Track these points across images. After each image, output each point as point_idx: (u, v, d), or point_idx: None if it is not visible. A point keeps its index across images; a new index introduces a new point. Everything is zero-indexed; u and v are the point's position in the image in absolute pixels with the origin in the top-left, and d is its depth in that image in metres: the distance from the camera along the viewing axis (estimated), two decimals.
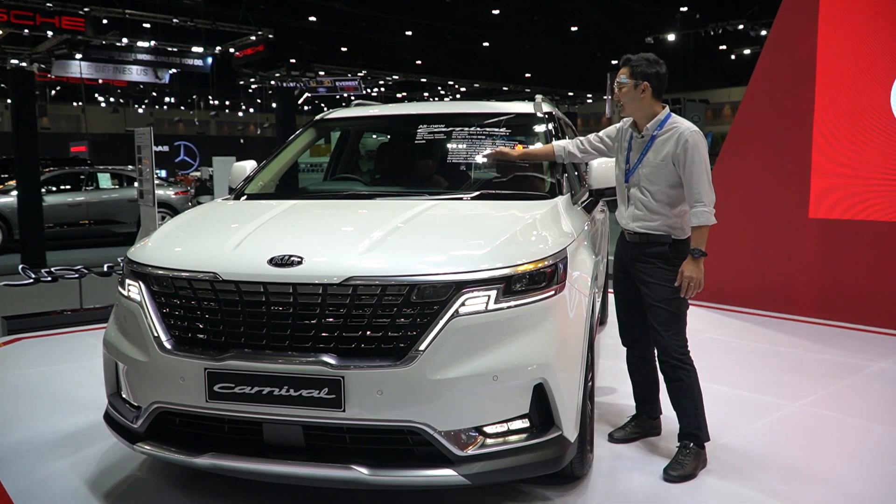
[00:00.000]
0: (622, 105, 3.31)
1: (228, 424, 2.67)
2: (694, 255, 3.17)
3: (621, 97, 3.30)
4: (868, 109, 5.90)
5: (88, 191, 13.83)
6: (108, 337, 2.99)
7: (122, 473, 3.26)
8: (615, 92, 3.34)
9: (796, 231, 6.29)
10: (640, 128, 3.33)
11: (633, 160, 3.36)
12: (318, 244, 2.78)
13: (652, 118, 3.28)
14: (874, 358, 5.11)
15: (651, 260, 3.32)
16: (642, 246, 3.33)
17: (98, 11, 19.31)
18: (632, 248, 3.39)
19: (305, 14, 28.33)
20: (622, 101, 3.30)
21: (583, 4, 28.09)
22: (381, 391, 2.47)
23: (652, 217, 3.29)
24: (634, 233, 3.35)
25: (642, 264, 3.34)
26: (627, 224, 3.39)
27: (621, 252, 3.49)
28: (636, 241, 3.35)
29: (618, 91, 3.30)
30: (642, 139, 3.31)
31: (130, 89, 37.02)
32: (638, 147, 3.33)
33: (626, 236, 3.42)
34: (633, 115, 3.33)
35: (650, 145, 3.28)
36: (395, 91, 39.37)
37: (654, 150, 3.27)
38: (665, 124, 3.27)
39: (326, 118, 4.55)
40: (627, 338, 3.61)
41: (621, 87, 3.29)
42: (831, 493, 3.09)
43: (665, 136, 3.25)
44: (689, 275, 3.16)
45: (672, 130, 3.24)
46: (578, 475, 3.08)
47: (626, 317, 3.57)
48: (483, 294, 2.55)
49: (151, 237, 3.19)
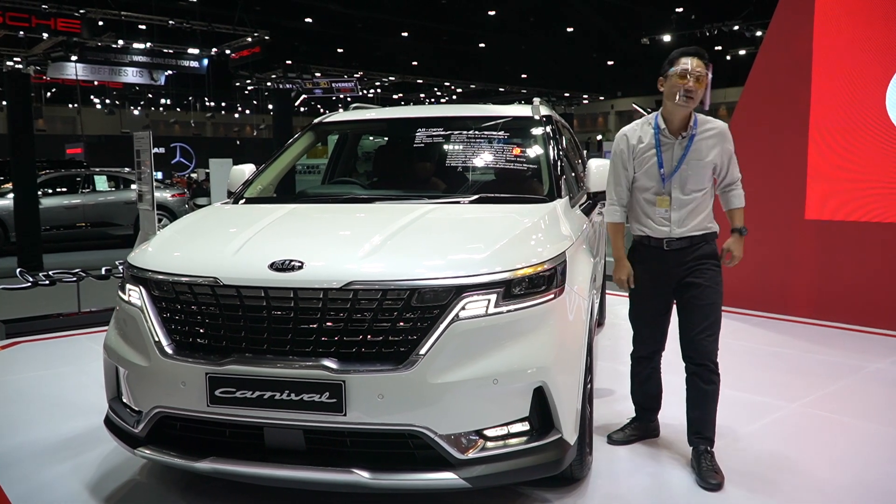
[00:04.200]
0: (693, 98, 3.12)
1: (229, 429, 2.67)
2: (742, 232, 3.32)
3: (698, 91, 3.12)
4: (864, 111, 5.92)
5: (85, 193, 13.80)
6: (109, 341, 3.00)
7: (122, 478, 3.26)
8: (691, 82, 3.11)
9: (793, 232, 6.31)
10: (678, 127, 3.22)
11: (669, 162, 3.23)
12: (319, 249, 2.79)
13: (690, 119, 3.23)
14: (871, 358, 5.13)
15: (704, 261, 3.26)
16: (691, 250, 3.25)
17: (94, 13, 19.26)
18: (676, 254, 3.27)
19: (301, 15, 28.32)
20: (695, 95, 3.12)
21: (579, 5, 28.14)
22: (382, 395, 2.48)
23: (701, 217, 3.25)
24: (680, 238, 3.24)
25: (694, 268, 3.25)
26: (671, 230, 3.25)
27: (654, 261, 3.32)
28: (683, 245, 3.25)
29: (695, 84, 3.11)
30: (682, 139, 3.21)
31: (126, 91, 36.93)
32: (674, 147, 3.22)
33: (666, 244, 3.27)
34: (687, 112, 3.19)
35: (690, 146, 3.20)
36: (392, 92, 39.36)
37: (696, 150, 3.20)
38: (698, 122, 3.24)
39: (325, 122, 4.55)
40: (648, 349, 3.51)
41: (701, 80, 3.11)
42: (829, 494, 3.10)
43: (705, 134, 3.21)
44: (738, 254, 3.32)
45: (709, 127, 3.23)
46: (578, 477, 3.09)
47: (652, 330, 3.46)
48: (483, 298, 2.56)
49: (151, 242, 3.19)
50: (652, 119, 3.30)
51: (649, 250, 3.34)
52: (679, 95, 3.12)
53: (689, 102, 3.13)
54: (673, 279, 3.29)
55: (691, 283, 3.25)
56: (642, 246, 3.38)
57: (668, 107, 3.23)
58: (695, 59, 3.14)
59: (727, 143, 3.27)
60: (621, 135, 3.37)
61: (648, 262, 3.35)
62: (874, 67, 5.86)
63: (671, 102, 3.19)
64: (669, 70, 3.18)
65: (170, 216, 14.02)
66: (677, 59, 3.17)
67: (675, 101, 3.15)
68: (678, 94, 3.12)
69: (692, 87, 3.11)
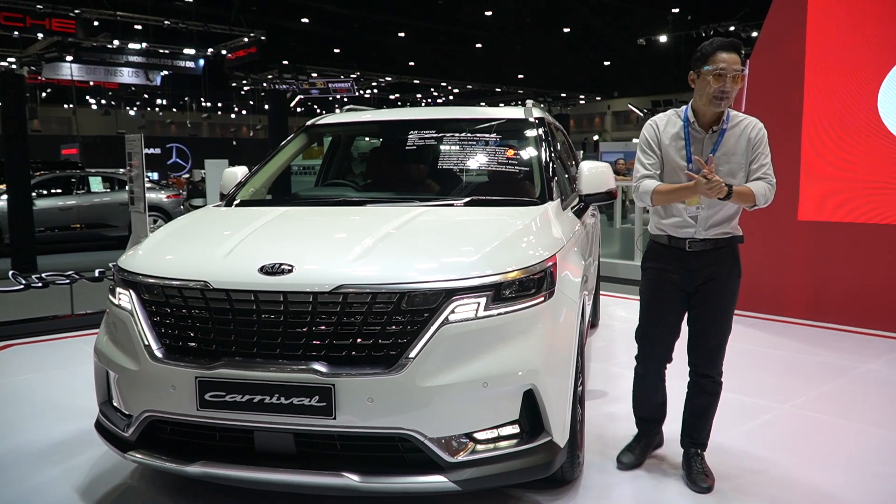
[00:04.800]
0: (728, 98, 2.92)
1: (220, 433, 2.67)
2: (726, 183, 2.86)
3: (733, 90, 2.92)
4: (855, 112, 5.94)
5: (80, 194, 13.77)
6: (99, 345, 3.00)
7: (113, 482, 3.26)
8: (727, 82, 2.89)
9: (786, 233, 6.33)
10: (708, 122, 3.02)
11: (699, 156, 2.98)
12: (309, 252, 2.79)
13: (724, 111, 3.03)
14: (863, 359, 5.15)
15: (725, 268, 3.07)
16: (713, 253, 3.07)
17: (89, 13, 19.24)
18: (698, 257, 3.06)
19: (298, 16, 28.31)
20: (730, 95, 2.92)
21: (575, 6, 28.17)
22: (372, 399, 2.48)
23: (731, 217, 3.07)
24: (704, 239, 3.06)
25: (716, 274, 3.06)
26: (696, 231, 3.05)
27: (673, 263, 3.11)
28: (707, 248, 3.06)
29: (732, 82, 2.89)
30: (713, 133, 3.02)
31: (122, 91, 36.90)
32: (704, 142, 3.03)
33: (689, 245, 3.06)
34: (721, 111, 2.99)
35: (720, 140, 3.01)
36: (388, 92, 39.37)
37: (725, 146, 3.01)
38: (730, 116, 3.04)
39: (318, 123, 4.55)
40: (657, 363, 3.28)
41: (738, 79, 2.90)
42: (820, 496, 3.11)
43: (737, 128, 3.03)
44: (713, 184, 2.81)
45: (741, 122, 3.04)
46: (569, 479, 3.10)
47: (666, 339, 3.22)
48: (473, 301, 2.56)
49: (142, 245, 3.19)
50: (682, 111, 3.09)
51: (669, 252, 3.12)
52: (713, 97, 2.92)
53: (724, 103, 2.93)
54: (692, 284, 3.09)
55: (710, 290, 3.07)
56: (661, 247, 3.16)
57: (698, 103, 3.02)
58: (733, 54, 2.90)
59: (761, 132, 3.04)
60: (650, 122, 3.14)
61: (667, 264, 3.13)
62: (866, 69, 5.88)
63: (703, 102, 2.98)
64: (704, 67, 2.93)
65: (164, 218, 14.01)
66: (713, 54, 2.92)
67: (708, 103, 2.95)
68: (713, 95, 2.92)
69: (728, 89, 2.90)
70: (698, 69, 2.97)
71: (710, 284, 3.08)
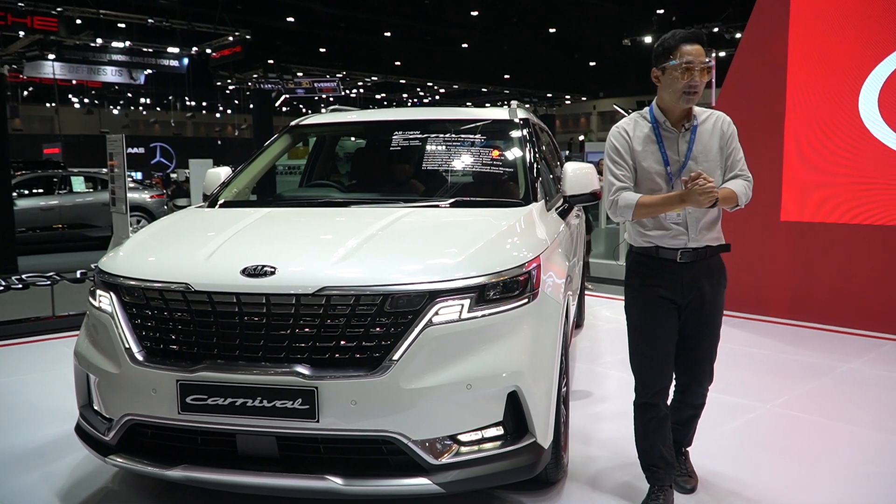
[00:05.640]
0: (697, 92, 2.71)
1: (201, 436, 2.65)
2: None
3: (702, 84, 2.72)
4: (838, 113, 6.00)
5: (62, 194, 13.64)
6: (80, 348, 2.96)
7: (94, 486, 3.22)
8: (696, 76, 2.69)
9: (769, 234, 6.38)
10: (678, 119, 2.81)
11: (675, 157, 2.80)
12: (292, 254, 2.78)
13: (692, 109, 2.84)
14: (844, 359, 5.19)
15: (715, 279, 2.86)
16: (705, 263, 2.84)
17: (71, 11, 19.04)
18: (690, 269, 2.81)
19: (283, 15, 28.15)
20: (699, 90, 2.71)
21: (561, 6, 28.23)
22: (355, 401, 2.47)
23: (717, 220, 2.86)
24: (696, 248, 2.81)
25: (706, 287, 2.84)
26: (687, 240, 2.80)
27: (665, 277, 2.82)
28: (698, 258, 2.82)
29: (700, 75, 2.69)
30: (685, 131, 2.81)
31: (105, 90, 36.59)
32: (678, 141, 2.81)
33: (680, 256, 2.80)
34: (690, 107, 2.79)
35: (694, 137, 2.80)
36: (374, 92, 39.26)
37: (700, 143, 2.79)
38: (696, 112, 2.85)
39: (301, 124, 4.53)
40: (657, 389, 2.87)
41: (706, 70, 2.70)
42: (803, 495, 3.13)
43: (707, 123, 2.84)
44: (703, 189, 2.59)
45: (709, 116, 2.85)
46: (553, 480, 3.10)
47: (666, 363, 2.88)
48: (457, 303, 2.55)
49: (123, 246, 3.15)
50: (646, 113, 2.87)
51: (658, 265, 2.83)
52: (683, 93, 2.72)
53: (694, 98, 2.73)
54: (684, 298, 2.82)
55: (700, 306, 2.84)
56: (649, 260, 2.85)
57: (666, 101, 2.80)
58: (697, 45, 2.71)
59: (731, 126, 2.86)
60: (617, 128, 2.89)
61: (657, 279, 2.82)
62: (848, 70, 5.94)
63: (672, 99, 2.76)
64: (669, 62, 2.71)
65: (147, 218, 13.90)
66: (677, 47, 2.71)
67: (678, 100, 2.74)
68: (682, 90, 2.71)
69: (697, 82, 2.70)
70: (662, 65, 2.75)
71: (700, 299, 2.84)
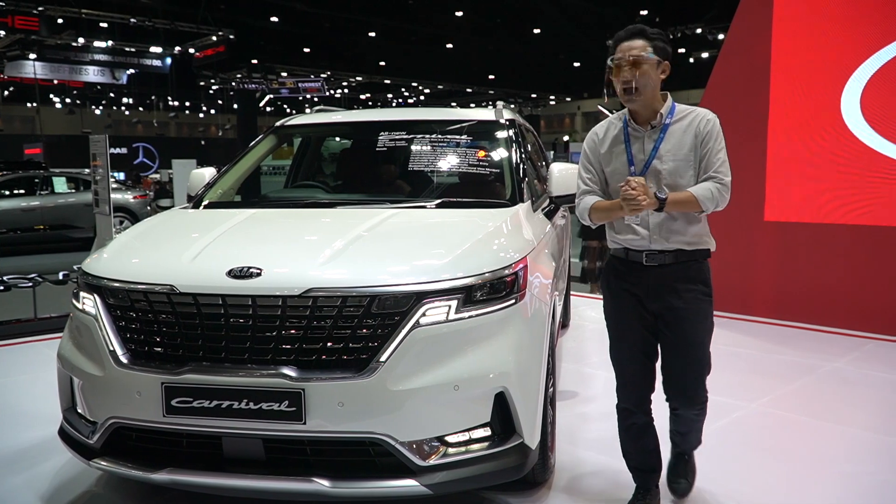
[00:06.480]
0: (637, 89, 2.57)
1: (187, 439, 2.63)
2: (659, 195, 2.54)
3: (639, 79, 2.57)
4: (820, 114, 6.05)
5: (43, 195, 13.50)
6: (63, 350, 2.93)
7: (78, 489, 3.19)
8: (625, 72, 2.58)
9: (753, 234, 6.42)
10: (645, 118, 2.69)
11: (641, 156, 2.69)
12: (278, 255, 2.76)
13: (661, 106, 2.69)
14: (828, 358, 5.24)
15: (691, 287, 2.69)
16: (676, 268, 2.69)
17: (53, 10, 18.87)
18: (658, 272, 2.69)
19: (267, 14, 28.03)
20: (638, 85, 2.57)
21: (545, 7, 28.32)
22: (342, 403, 2.46)
23: (688, 227, 2.69)
24: (663, 251, 2.68)
25: (680, 294, 2.69)
26: (650, 241, 2.69)
27: (633, 279, 2.74)
28: (667, 261, 2.68)
29: (631, 70, 2.57)
30: (652, 129, 2.68)
31: (87, 90, 36.30)
32: (644, 140, 2.69)
33: (646, 258, 2.70)
34: (646, 102, 2.64)
35: (663, 136, 2.67)
36: (359, 92, 39.23)
37: (669, 142, 2.66)
38: (675, 110, 2.70)
39: (286, 125, 4.51)
40: (634, 395, 2.83)
41: (639, 64, 2.56)
42: (788, 493, 3.16)
43: (683, 121, 2.68)
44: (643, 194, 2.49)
45: (688, 115, 2.70)
46: (541, 481, 3.10)
47: (638, 373, 2.81)
48: (444, 304, 2.55)
49: (107, 248, 3.13)
50: (624, 114, 2.79)
51: (627, 266, 2.76)
52: (621, 92, 2.63)
53: (635, 95, 2.59)
54: (655, 303, 2.72)
55: (676, 317, 2.70)
56: (619, 261, 2.80)
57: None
58: (632, 41, 2.61)
59: (709, 125, 2.67)
60: (591, 132, 2.86)
61: (627, 281, 2.77)
62: (831, 71, 5.99)
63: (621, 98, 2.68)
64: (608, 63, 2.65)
65: (131, 219, 13.79)
66: (614, 48, 2.65)
67: (622, 99, 2.67)
68: (620, 90, 2.62)
69: (630, 78, 2.58)
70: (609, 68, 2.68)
71: (672, 308, 2.70)
